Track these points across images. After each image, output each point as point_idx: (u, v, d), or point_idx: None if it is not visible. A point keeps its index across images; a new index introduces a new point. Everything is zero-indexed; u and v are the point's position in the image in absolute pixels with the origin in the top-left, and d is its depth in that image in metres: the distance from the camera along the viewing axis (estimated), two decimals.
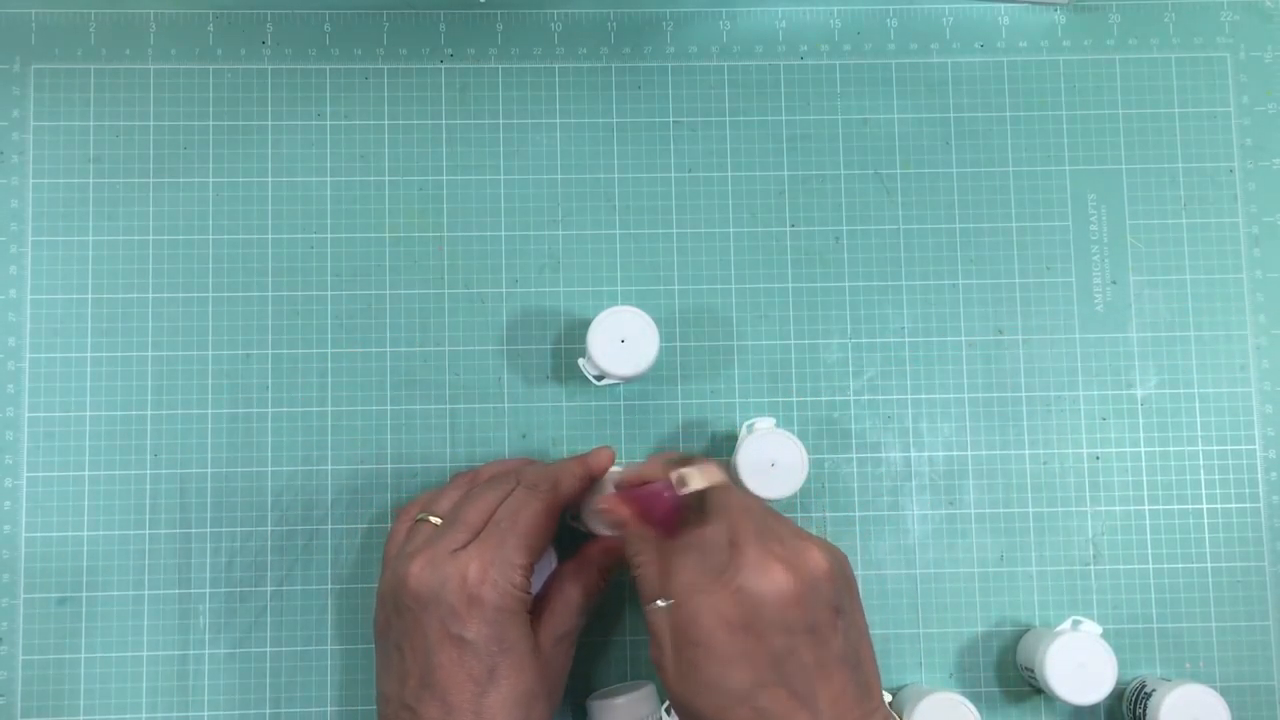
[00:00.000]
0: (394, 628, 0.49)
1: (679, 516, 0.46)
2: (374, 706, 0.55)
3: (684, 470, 0.46)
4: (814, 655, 0.44)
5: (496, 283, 0.58)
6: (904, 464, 0.57)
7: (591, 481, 0.52)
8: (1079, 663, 0.52)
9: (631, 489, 0.48)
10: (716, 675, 0.43)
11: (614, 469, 0.53)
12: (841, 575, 0.45)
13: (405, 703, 0.48)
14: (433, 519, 0.51)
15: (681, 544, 0.45)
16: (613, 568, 0.53)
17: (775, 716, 0.43)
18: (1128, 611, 0.56)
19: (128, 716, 0.55)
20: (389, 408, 0.57)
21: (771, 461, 0.53)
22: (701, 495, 0.46)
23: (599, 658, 0.56)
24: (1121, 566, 0.57)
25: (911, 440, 0.57)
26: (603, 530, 0.53)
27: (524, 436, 0.57)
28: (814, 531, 0.57)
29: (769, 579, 0.43)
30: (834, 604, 0.44)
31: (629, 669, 0.56)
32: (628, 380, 0.55)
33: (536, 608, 0.50)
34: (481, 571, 0.47)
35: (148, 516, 0.56)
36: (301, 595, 0.56)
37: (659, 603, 0.45)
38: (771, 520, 0.46)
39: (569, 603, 0.51)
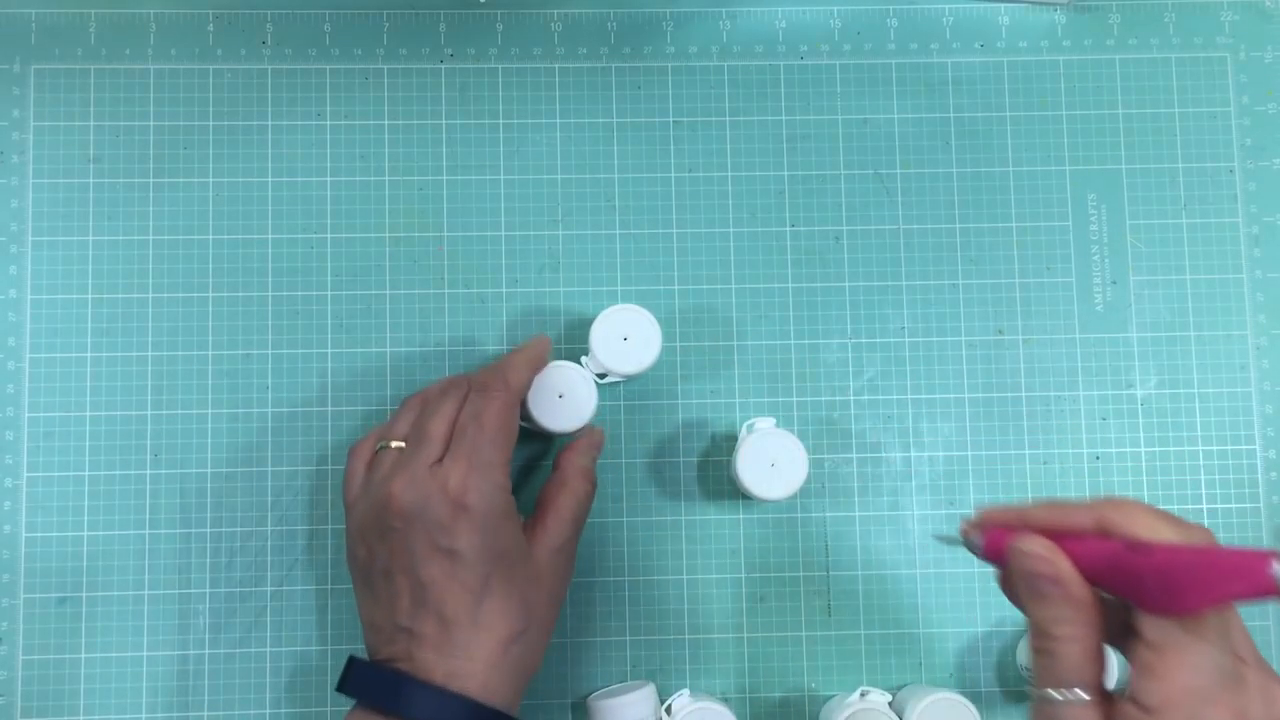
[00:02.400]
0: (377, 555, 0.48)
1: (1218, 603, 0.36)
2: None
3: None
4: None
5: (496, 283, 0.58)
6: (904, 464, 0.57)
7: (536, 371, 0.53)
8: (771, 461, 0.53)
9: (1094, 541, 0.37)
10: None
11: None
12: None
13: (399, 625, 0.47)
14: (394, 444, 0.50)
15: (1191, 636, 0.35)
16: (593, 465, 0.53)
17: None
18: None
19: (128, 716, 0.55)
20: (389, 408, 0.57)
21: (771, 461, 0.53)
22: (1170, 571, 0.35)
23: (599, 658, 0.56)
24: None
25: (911, 440, 0.57)
26: (551, 425, 0.53)
27: (524, 436, 0.57)
28: (814, 531, 0.57)
29: (1273, 710, 0.36)
30: None
31: (629, 669, 0.56)
32: (629, 378, 0.55)
33: (529, 524, 0.50)
34: (462, 479, 0.47)
35: (148, 516, 0.56)
36: (301, 595, 0.56)
37: (1080, 694, 0.36)
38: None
39: (560, 514, 0.51)
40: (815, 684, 0.56)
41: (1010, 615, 0.56)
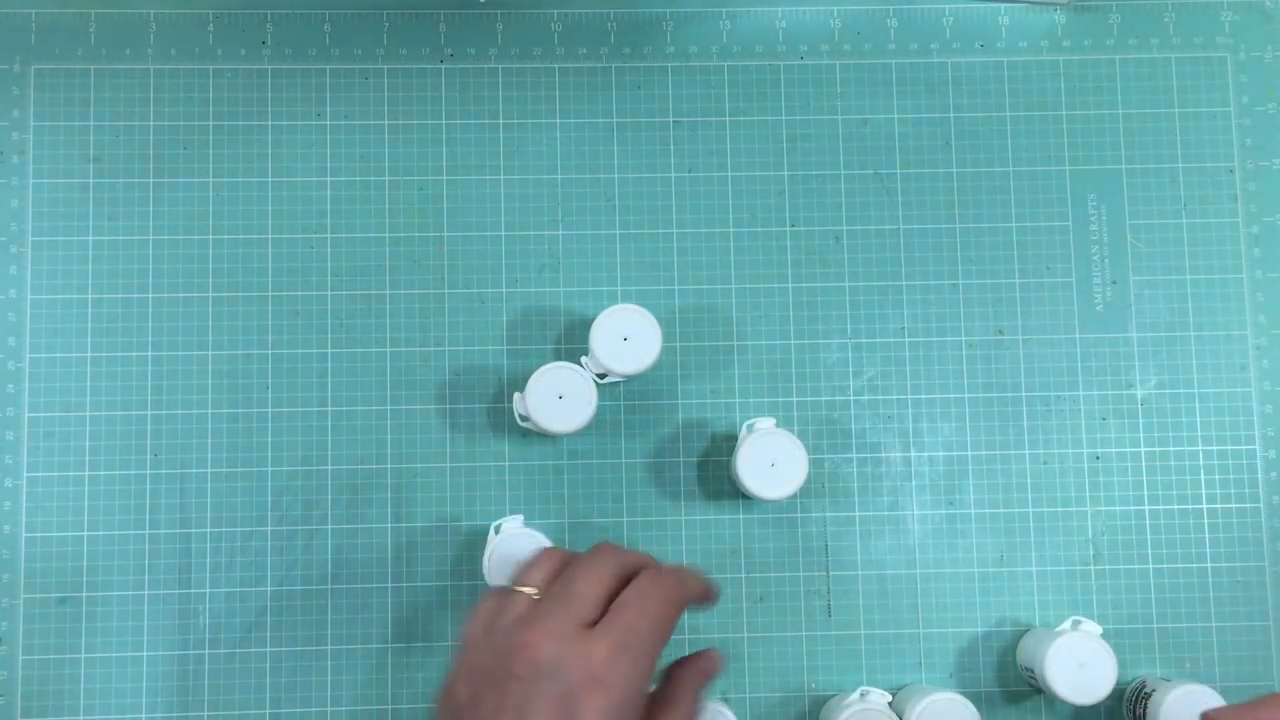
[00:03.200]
0: (486, 702, 0.43)
1: None
2: (373, 706, 0.55)
3: None
4: None
5: (496, 283, 0.58)
6: (904, 464, 0.57)
7: (701, 598, 0.48)
8: (1079, 662, 0.52)
9: None
10: None
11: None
12: None
13: None
14: (527, 590, 0.46)
15: None
16: (705, 691, 0.49)
17: None
18: (1128, 611, 0.56)
19: (128, 716, 0.55)
20: (389, 408, 0.57)
21: (771, 461, 0.53)
22: None
23: None
24: (1121, 566, 0.57)
25: (911, 440, 0.57)
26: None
27: (524, 437, 0.57)
28: (814, 531, 0.57)
29: None
30: None
31: None
32: (629, 378, 0.55)
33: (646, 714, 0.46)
34: (610, 656, 0.43)
35: (148, 516, 0.56)
36: (301, 595, 0.56)
37: None
38: None
39: (679, 716, 0.47)
40: (815, 684, 0.56)
41: (1010, 615, 0.56)
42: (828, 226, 0.59)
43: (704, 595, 0.49)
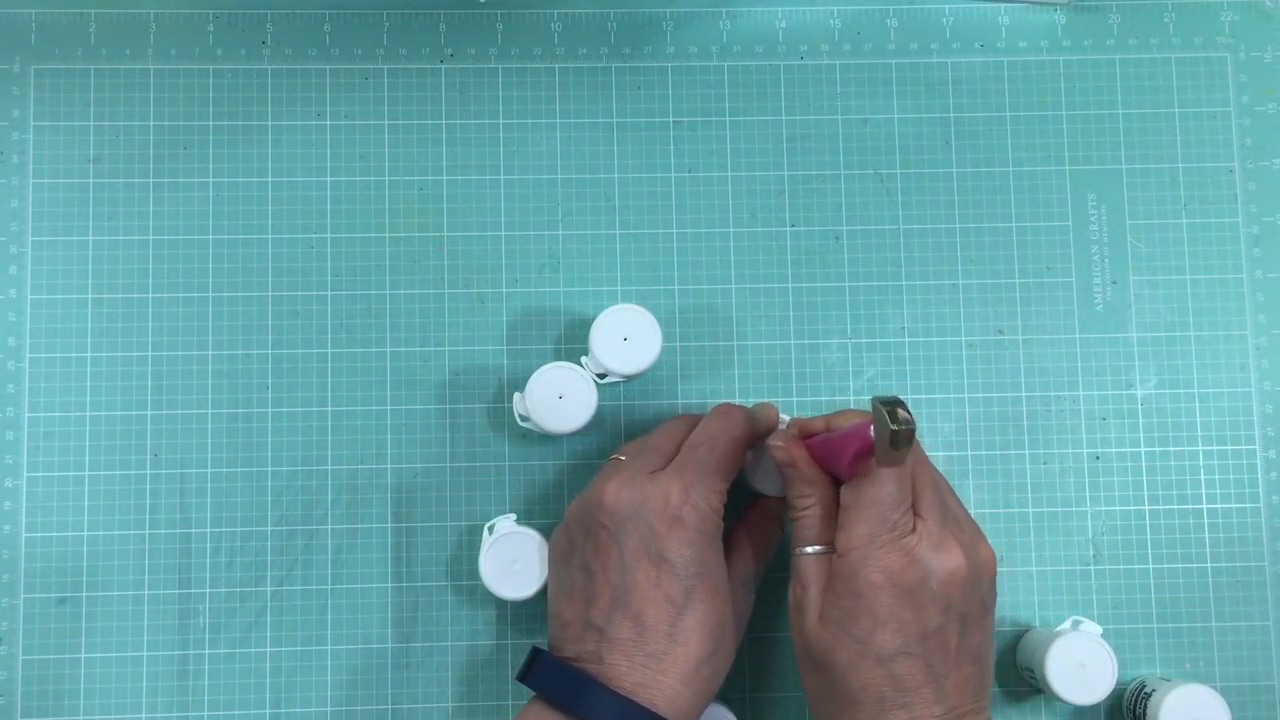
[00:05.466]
0: (580, 549, 0.48)
1: (860, 465, 0.46)
2: (373, 706, 0.55)
3: (905, 415, 0.43)
4: (956, 641, 0.46)
5: (496, 283, 0.58)
6: None
7: (771, 429, 0.52)
8: (1079, 663, 0.52)
9: (820, 435, 0.49)
10: (865, 631, 0.45)
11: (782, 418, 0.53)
12: (995, 576, 0.48)
13: (592, 623, 0.47)
14: (620, 456, 0.51)
15: (861, 497, 0.46)
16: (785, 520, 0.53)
17: (905, 687, 0.45)
18: (1128, 611, 0.56)
19: (128, 716, 0.55)
20: (389, 408, 0.57)
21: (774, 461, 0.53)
22: (892, 452, 0.44)
23: None
24: (1121, 566, 0.57)
25: None
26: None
27: (524, 437, 0.57)
28: None
29: (946, 556, 0.45)
30: (985, 600, 0.47)
31: None
32: (629, 378, 0.55)
33: (725, 549, 0.50)
34: (683, 492, 0.47)
35: (148, 516, 0.56)
36: (301, 595, 0.56)
37: (815, 548, 0.47)
38: (953, 502, 0.49)
39: (756, 546, 0.52)
40: None
41: (1009, 615, 0.56)
42: (828, 226, 0.59)
43: (772, 425, 0.52)
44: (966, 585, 0.45)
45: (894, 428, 0.42)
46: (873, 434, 0.44)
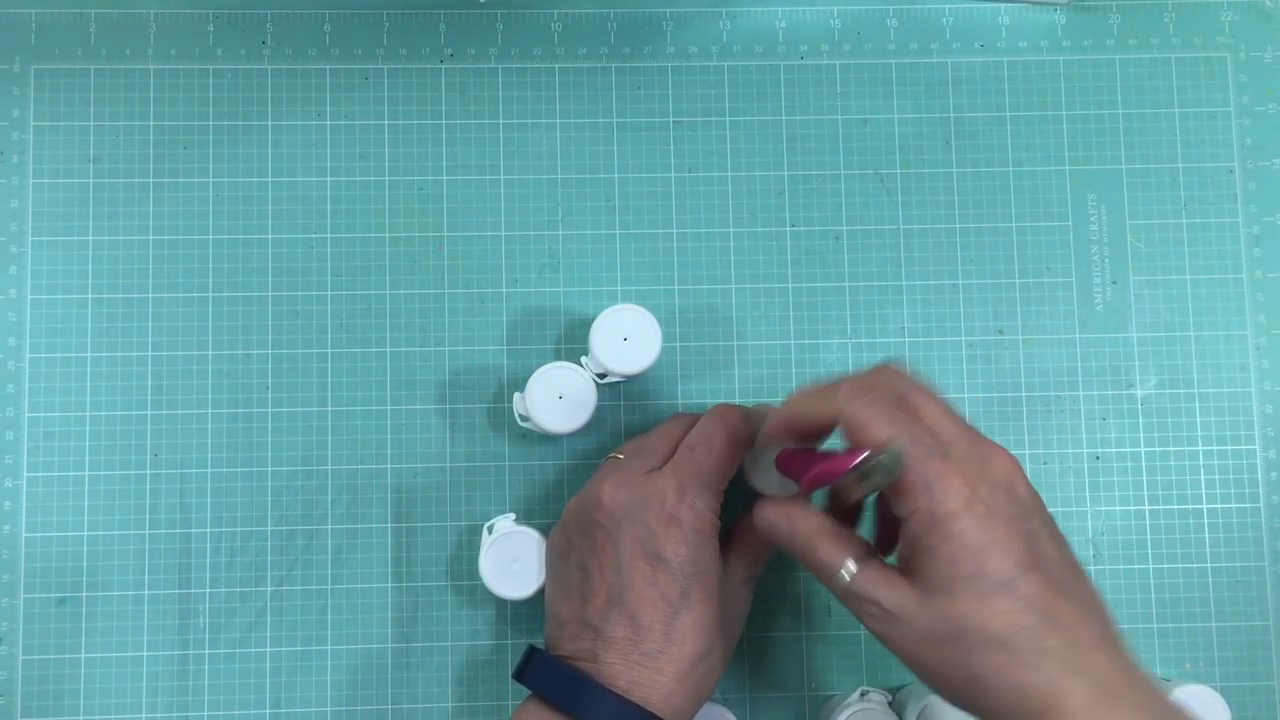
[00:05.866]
0: (577, 548, 0.49)
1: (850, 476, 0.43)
2: (373, 706, 0.55)
3: (899, 449, 0.41)
4: (1054, 547, 0.42)
5: (496, 283, 0.58)
6: None
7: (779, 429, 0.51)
8: None
9: (796, 457, 0.47)
10: (972, 569, 0.40)
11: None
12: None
13: (588, 622, 0.47)
14: (618, 455, 0.51)
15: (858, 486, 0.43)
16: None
17: (1040, 608, 0.40)
18: (1128, 611, 0.56)
19: (128, 716, 0.55)
20: (389, 408, 0.57)
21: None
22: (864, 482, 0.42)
23: None
24: (1121, 566, 0.57)
25: None
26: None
27: (524, 437, 0.57)
28: None
29: (996, 459, 0.42)
30: (1049, 514, 0.44)
31: None
32: (629, 378, 0.55)
33: (723, 549, 0.50)
34: (680, 493, 0.47)
35: (148, 516, 0.56)
36: (301, 595, 0.56)
37: (857, 565, 0.43)
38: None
39: (756, 545, 0.51)
40: (815, 684, 0.56)
41: None
42: (828, 226, 0.59)
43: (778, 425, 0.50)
44: (1027, 484, 0.43)
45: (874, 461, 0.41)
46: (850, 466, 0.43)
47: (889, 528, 0.47)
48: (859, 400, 0.44)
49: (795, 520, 0.46)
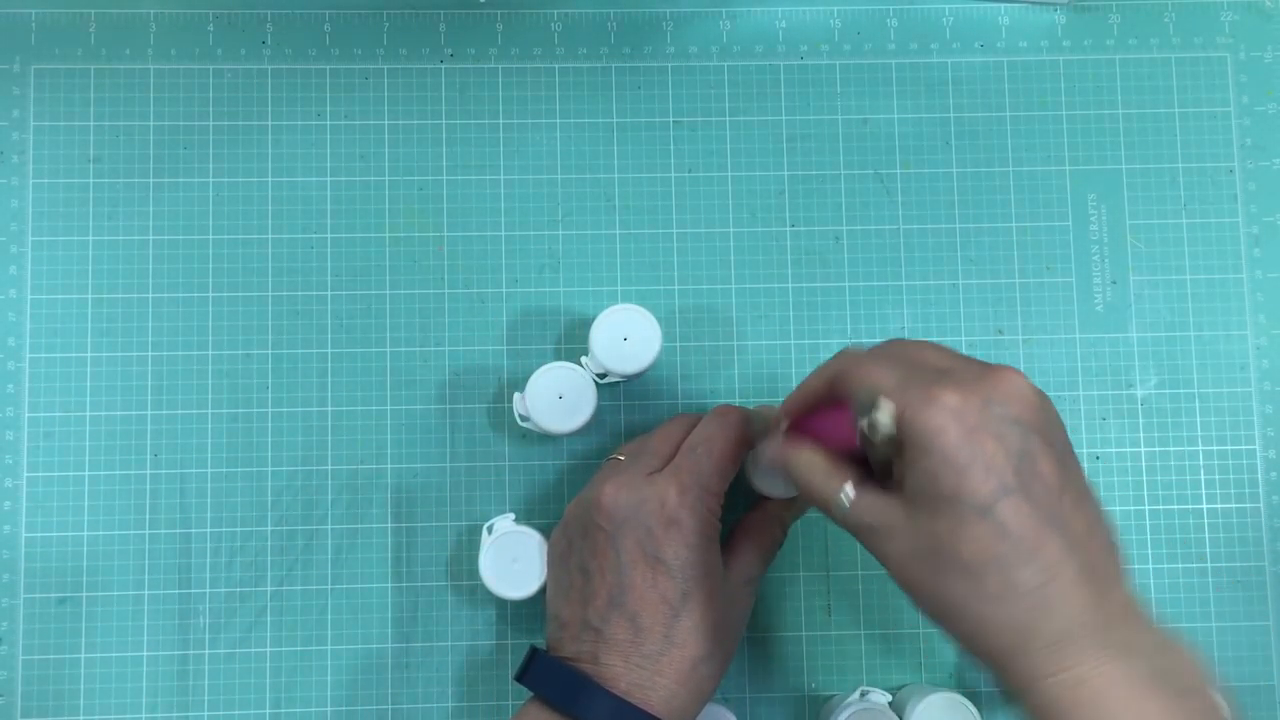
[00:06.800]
0: (578, 550, 0.49)
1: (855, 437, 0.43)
2: (373, 706, 0.55)
3: (878, 417, 0.40)
4: (1054, 470, 0.39)
5: (496, 283, 0.58)
6: None
7: (776, 430, 0.51)
8: None
9: (805, 422, 0.47)
10: (952, 486, 0.38)
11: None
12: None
13: (589, 624, 0.47)
14: (618, 456, 0.51)
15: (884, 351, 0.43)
16: (790, 522, 0.53)
17: (1017, 537, 0.37)
18: None
19: (128, 716, 0.55)
20: (389, 408, 0.57)
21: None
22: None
23: None
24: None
25: None
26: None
27: (524, 437, 0.57)
28: (814, 532, 0.57)
29: (1003, 375, 0.40)
30: (1066, 438, 0.41)
31: None
32: (629, 378, 0.55)
33: (724, 551, 0.50)
34: (680, 494, 0.47)
35: (148, 516, 0.56)
36: (301, 595, 0.56)
37: (854, 491, 0.42)
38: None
39: (759, 547, 0.51)
40: (815, 684, 0.56)
41: None
42: (828, 226, 0.59)
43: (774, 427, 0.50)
44: (1038, 403, 0.40)
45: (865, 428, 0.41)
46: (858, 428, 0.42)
47: None
48: (859, 355, 0.45)
49: (796, 453, 0.46)
